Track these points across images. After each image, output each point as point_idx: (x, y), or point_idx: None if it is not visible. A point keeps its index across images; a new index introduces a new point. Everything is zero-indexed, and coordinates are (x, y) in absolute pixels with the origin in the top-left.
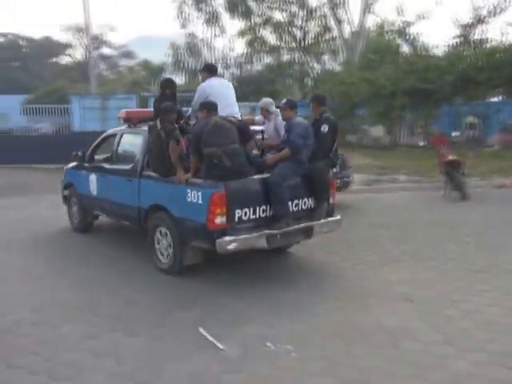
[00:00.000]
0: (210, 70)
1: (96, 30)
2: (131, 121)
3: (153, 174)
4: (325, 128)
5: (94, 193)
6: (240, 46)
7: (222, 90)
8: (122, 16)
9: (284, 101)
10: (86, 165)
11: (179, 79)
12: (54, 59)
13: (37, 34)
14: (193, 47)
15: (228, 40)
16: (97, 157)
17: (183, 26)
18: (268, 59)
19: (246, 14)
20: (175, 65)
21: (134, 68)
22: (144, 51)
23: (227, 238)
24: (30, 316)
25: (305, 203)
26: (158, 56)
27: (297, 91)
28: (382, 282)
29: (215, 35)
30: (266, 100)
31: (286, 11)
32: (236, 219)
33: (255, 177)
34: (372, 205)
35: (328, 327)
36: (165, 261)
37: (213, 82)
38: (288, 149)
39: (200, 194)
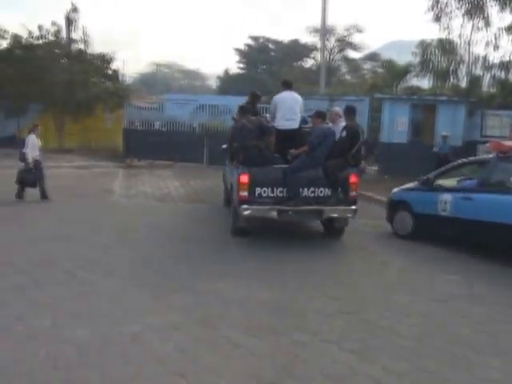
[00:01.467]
0: (284, 85)
1: (343, 31)
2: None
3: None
4: (343, 133)
5: (227, 174)
6: (507, 44)
7: (288, 102)
8: (377, 20)
9: (313, 113)
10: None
11: (425, 82)
12: (299, 62)
13: (286, 37)
14: (446, 44)
15: (493, 35)
16: None
17: (437, 18)
18: None
19: None
20: (422, 65)
21: (378, 71)
22: (396, 56)
23: (244, 206)
24: None
25: (321, 191)
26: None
27: None
28: None
29: (477, 28)
30: (338, 108)
31: None
32: (256, 194)
33: (275, 166)
34: None
35: None
36: (231, 224)
37: (284, 94)
38: (307, 146)
39: (236, 174)
